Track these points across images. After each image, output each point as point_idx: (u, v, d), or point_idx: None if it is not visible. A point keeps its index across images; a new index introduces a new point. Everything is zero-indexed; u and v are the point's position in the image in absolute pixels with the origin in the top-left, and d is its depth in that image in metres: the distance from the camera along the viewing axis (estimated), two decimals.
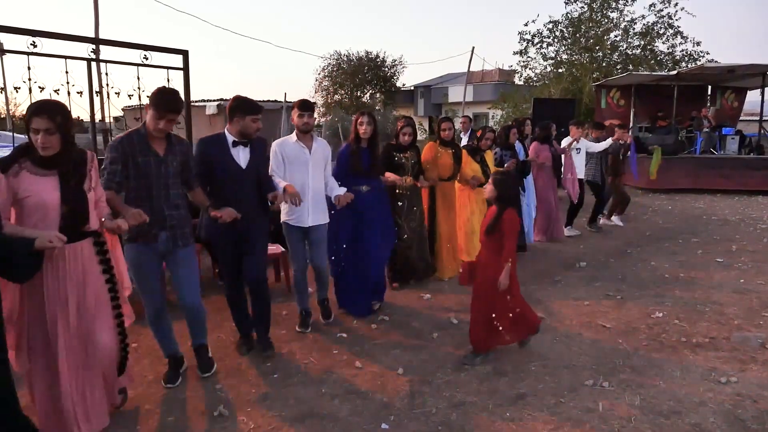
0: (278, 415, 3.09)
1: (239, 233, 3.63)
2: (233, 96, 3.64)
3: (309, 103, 4.13)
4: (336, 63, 31.81)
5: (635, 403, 3.21)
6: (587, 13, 19.22)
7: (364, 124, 4.55)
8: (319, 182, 4.21)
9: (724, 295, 5.26)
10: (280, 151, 4.09)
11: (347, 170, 4.60)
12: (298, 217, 4.15)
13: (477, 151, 6.12)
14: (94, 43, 5.51)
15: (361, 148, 4.60)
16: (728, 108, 16.08)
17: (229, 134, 3.60)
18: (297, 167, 4.10)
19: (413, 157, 5.32)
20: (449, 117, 5.95)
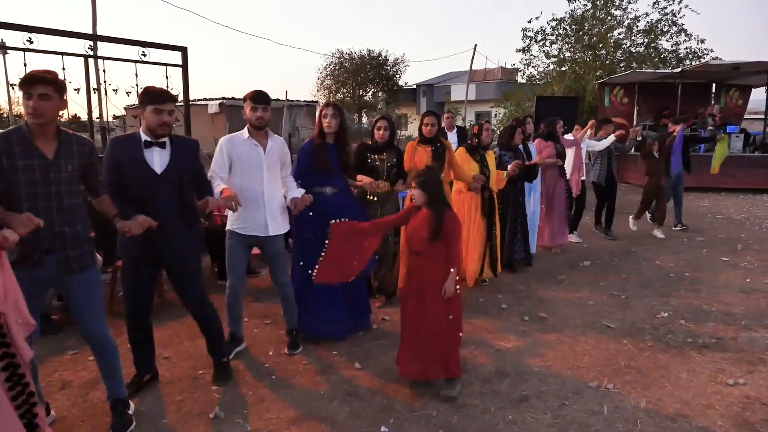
0: (276, 417, 3.02)
1: (156, 251, 3.10)
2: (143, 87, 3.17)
3: (264, 94, 3.60)
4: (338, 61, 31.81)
5: (641, 406, 3.13)
6: (591, 11, 19.12)
7: (328, 117, 4.00)
8: (275, 185, 3.72)
9: (730, 295, 5.18)
10: (228, 150, 3.56)
11: (309, 169, 4.04)
12: (250, 226, 3.62)
13: (476, 150, 5.46)
14: (92, 39, 5.45)
15: (326, 144, 4.04)
16: (733, 106, 15.97)
17: (143, 134, 3.03)
18: (249, 168, 3.58)
19: (390, 158, 4.67)
20: (433, 111, 5.35)
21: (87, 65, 5.36)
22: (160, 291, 4.99)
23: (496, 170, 5.51)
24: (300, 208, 3.71)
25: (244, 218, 3.60)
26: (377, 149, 4.64)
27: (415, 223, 3.31)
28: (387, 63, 32.63)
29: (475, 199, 5.36)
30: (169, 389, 3.33)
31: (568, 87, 18.84)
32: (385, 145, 4.63)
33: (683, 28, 18.90)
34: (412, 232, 3.33)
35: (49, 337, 4.04)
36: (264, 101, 3.56)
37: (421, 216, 3.28)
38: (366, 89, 32.62)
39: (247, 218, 3.61)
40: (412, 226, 3.33)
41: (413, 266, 3.35)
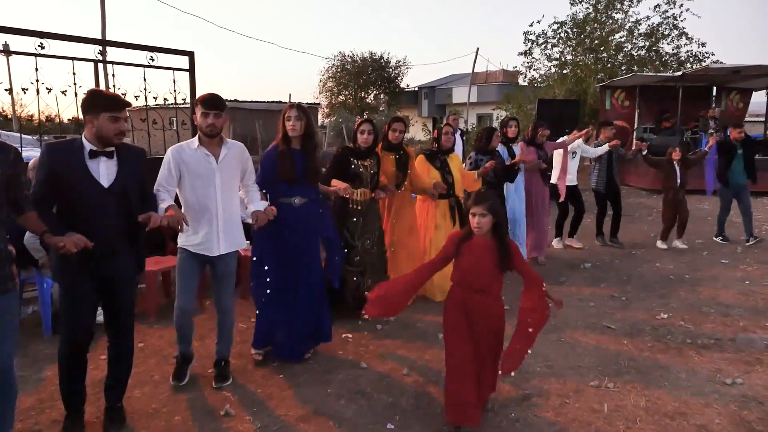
0: (284, 415, 3.10)
1: (100, 274, 2.76)
2: (87, 90, 2.84)
3: (217, 99, 3.21)
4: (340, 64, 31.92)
5: (641, 404, 3.21)
6: (592, 14, 19.20)
7: (291, 119, 3.63)
8: (231, 198, 3.34)
9: (729, 297, 5.25)
10: (177, 160, 3.19)
11: (274, 177, 3.68)
12: (202, 244, 3.26)
13: (436, 156, 5.13)
14: (101, 44, 5.54)
15: (292, 150, 3.68)
16: (733, 109, 16.04)
17: (87, 142, 2.67)
18: (200, 180, 3.22)
19: (373, 165, 4.44)
20: (401, 117, 5.05)
21: (96, 70, 5.45)
22: (168, 291, 5.08)
23: (465, 173, 5.33)
24: (261, 223, 3.35)
25: (195, 235, 3.26)
26: (361, 154, 4.37)
27: (473, 256, 2.84)
28: (389, 65, 32.75)
29: (441, 207, 5.12)
30: (180, 387, 3.41)
31: (569, 90, 18.91)
32: (369, 150, 4.38)
33: (684, 31, 18.97)
34: (471, 268, 2.84)
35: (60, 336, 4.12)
36: (216, 106, 3.18)
37: (478, 247, 2.83)
38: (368, 91, 32.73)
39: (198, 235, 3.26)
40: (468, 261, 2.85)
41: (473, 309, 2.85)
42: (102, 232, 2.68)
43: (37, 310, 4.57)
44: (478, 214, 2.79)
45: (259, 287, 3.75)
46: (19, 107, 20.21)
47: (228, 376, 3.50)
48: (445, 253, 2.91)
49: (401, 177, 4.80)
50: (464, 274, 2.87)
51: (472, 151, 5.84)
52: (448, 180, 5.06)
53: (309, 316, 3.82)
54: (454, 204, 5.16)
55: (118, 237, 2.78)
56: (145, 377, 3.55)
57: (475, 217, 2.79)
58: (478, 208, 2.79)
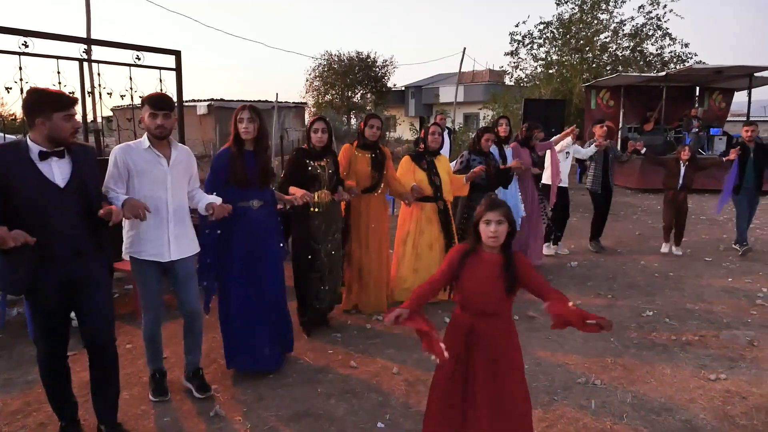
0: (274, 415, 3.11)
1: (67, 278, 2.62)
2: (27, 90, 2.69)
3: (166, 99, 3.09)
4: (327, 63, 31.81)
5: (627, 401, 3.26)
6: (578, 15, 19.36)
7: (244, 121, 3.47)
8: (182, 201, 3.20)
9: (712, 294, 5.34)
10: (125, 161, 3.00)
11: (226, 180, 3.50)
12: (152, 249, 3.08)
13: (422, 156, 4.97)
14: (86, 43, 5.48)
15: (245, 152, 3.53)
16: (715, 109, 16.27)
17: (34, 143, 2.54)
18: (150, 183, 3.05)
19: (330, 165, 4.23)
20: (376, 114, 4.76)
21: (81, 69, 5.39)
22: None
23: (454, 177, 5.12)
24: (218, 215, 3.19)
25: (145, 241, 3.07)
26: (316, 155, 4.17)
27: (481, 274, 2.39)
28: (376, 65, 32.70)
29: (426, 211, 4.93)
30: (170, 388, 3.39)
31: (555, 90, 19.08)
32: (324, 149, 4.19)
33: (668, 32, 19.22)
34: (478, 289, 2.39)
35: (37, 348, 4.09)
36: (165, 106, 3.03)
37: (486, 262, 2.40)
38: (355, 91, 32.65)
39: (147, 240, 3.07)
40: (475, 280, 2.39)
41: (479, 337, 2.40)
42: (63, 233, 2.58)
43: (22, 312, 4.52)
44: (494, 221, 2.34)
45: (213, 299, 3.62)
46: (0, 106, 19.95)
47: (208, 385, 3.37)
48: (449, 270, 2.44)
49: (377, 177, 4.60)
50: (470, 295, 2.41)
51: (465, 150, 5.67)
52: (435, 182, 4.90)
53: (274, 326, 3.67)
54: (442, 207, 4.99)
55: (83, 238, 2.65)
56: (134, 379, 3.53)
57: (490, 225, 2.35)
58: (493, 213, 2.35)
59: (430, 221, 4.94)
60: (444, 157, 5.15)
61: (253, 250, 3.57)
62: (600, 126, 6.98)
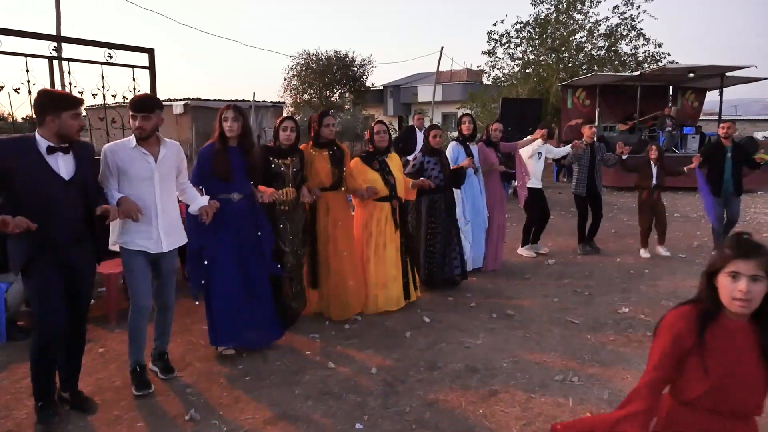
0: (251, 418, 3.06)
1: (68, 261, 2.89)
2: (38, 91, 2.90)
3: (145, 100, 3.18)
4: (305, 62, 31.64)
5: (604, 397, 3.28)
6: (554, 15, 19.56)
7: (228, 120, 3.66)
8: (169, 196, 3.36)
9: (687, 289, 5.41)
10: (113, 160, 3.15)
11: (209, 174, 3.70)
12: (141, 240, 3.24)
13: (373, 157, 4.82)
14: (56, 40, 5.36)
15: (228, 148, 3.71)
16: (688, 108, 16.58)
17: (42, 138, 2.78)
18: (139, 180, 3.19)
19: (296, 163, 4.25)
20: (329, 111, 4.79)
21: (51, 67, 5.26)
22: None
23: (405, 179, 5.03)
24: (210, 216, 3.46)
25: (135, 233, 3.23)
26: (282, 153, 4.20)
27: (729, 354, 1.65)
28: (354, 64, 32.63)
29: (383, 210, 4.80)
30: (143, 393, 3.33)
31: (532, 89, 19.24)
32: (290, 148, 4.23)
33: (642, 32, 19.52)
34: (728, 377, 1.64)
35: (17, 343, 3.99)
36: (143, 108, 3.12)
37: (730, 336, 1.66)
38: (333, 90, 32.53)
39: (138, 233, 3.24)
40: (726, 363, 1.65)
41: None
42: (66, 222, 2.84)
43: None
44: (746, 276, 1.59)
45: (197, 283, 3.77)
46: None
47: (173, 367, 3.60)
48: (677, 351, 1.68)
49: (337, 174, 4.57)
50: (718, 386, 1.64)
51: (418, 152, 5.51)
52: (389, 181, 4.77)
53: (260, 307, 3.88)
54: (396, 206, 4.88)
55: (81, 227, 2.93)
56: (106, 383, 3.45)
57: (738, 281, 1.61)
58: (748, 264, 1.59)
59: (387, 221, 4.84)
60: (395, 155, 5.06)
61: (235, 237, 3.77)
62: (589, 127, 6.81)
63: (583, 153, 6.77)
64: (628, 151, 6.93)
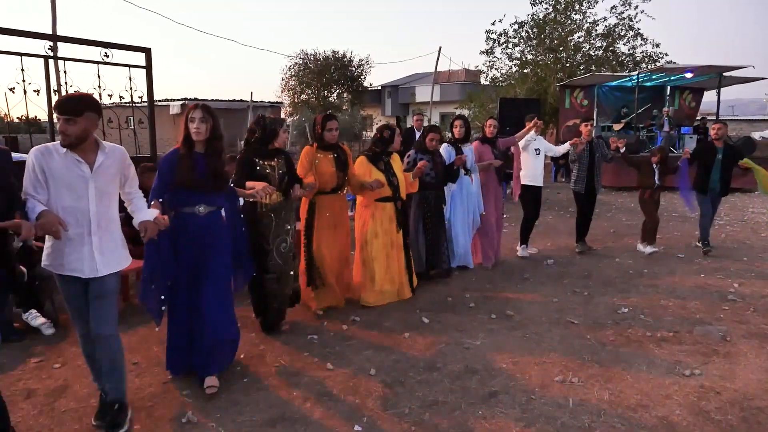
0: (249, 420, 3.03)
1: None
2: None
3: (68, 103, 2.68)
4: (302, 62, 31.63)
5: (604, 398, 3.26)
6: (552, 15, 19.57)
7: (195, 121, 3.25)
8: (108, 210, 2.87)
9: (685, 290, 5.41)
10: (41, 165, 2.69)
11: (172, 183, 3.28)
12: (72, 263, 2.78)
13: (379, 157, 4.94)
14: (52, 39, 5.33)
15: (195, 154, 3.30)
16: (686, 108, 16.60)
17: None
18: (69, 191, 2.73)
19: (282, 165, 4.10)
20: (333, 114, 4.73)
21: (47, 66, 5.23)
22: (125, 295, 4.92)
23: (405, 174, 5.14)
24: (151, 234, 2.96)
25: (66, 254, 2.77)
26: (267, 154, 4.05)
27: None
28: (351, 64, 32.63)
29: (387, 211, 4.92)
30: (140, 395, 3.30)
31: (530, 89, 19.25)
32: (276, 150, 4.10)
33: (639, 32, 19.56)
34: None
35: (13, 345, 3.95)
36: (67, 110, 2.65)
37: None
38: (331, 90, 32.53)
39: (66, 254, 2.77)
40: None
41: None
42: None
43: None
44: None
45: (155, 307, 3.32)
46: None
47: (122, 423, 2.90)
48: None
49: (342, 177, 4.60)
50: None
51: (411, 150, 5.63)
52: (393, 182, 4.89)
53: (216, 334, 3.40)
54: (400, 207, 5.01)
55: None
56: None
57: None
58: None
59: (391, 221, 4.95)
60: (396, 156, 5.11)
61: (198, 257, 3.37)
62: (585, 125, 6.76)
63: (582, 151, 6.74)
64: (623, 143, 6.89)
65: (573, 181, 6.92)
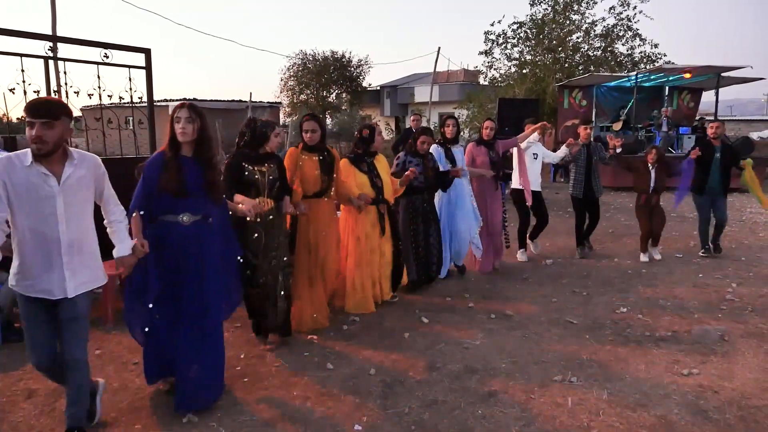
0: (250, 420, 3.04)
1: None
2: None
3: (44, 105, 2.49)
4: (302, 62, 31.65)
5: (603, 397, 3.28)
6: (551, 15, 19.60)
7: (181, 121, 2.98)
8: (79, 225, 2.62)
9: (684, 290, 5.42)
10: (2, 180, 2.45)
11: (156, 190, 3.00)
12: (40, 284, 2.56)
13: (362, 159, 4.73)
14: (52, 40, 5.32)
15: (182, 158, 3.04)
16: (684, 108, 16.63)
17: None
18: (35, 206, 2.50)
19: (273, 170, 3.85)
20: (314, 114, 4.46)
21: (47, 67, 5.23)
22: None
23: (392, 177, 4.91)
24: (129, 271, 2.79)
25: (34, 276, 2.55)
26: (257, 159, 3.80)
27: None
28: (351, 64, 32.66)
29: (369, 215, 4.72)
30: (140, 395, 3.31)
31: (529, 89, 19.27)
32: (266, 153, 3.86)
33: (638, 32, 19.59)
34: None
35: (13, 345, 3.96)
36: (44, 114, 2.43)
37: None
38: (330, 90, 32.57)
39: (34, 275, 2.55)
40: None
41: None
42: None
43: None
44: None
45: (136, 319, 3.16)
46: None
47: None
48: None
49: (326, 181, 4.30)
50: None
51: (401, 152, 5.35)
52: (377, 184, 4.68)
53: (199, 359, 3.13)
54: (384, 211, 4.81)
55: None
56: None
57: None
58: None
59: (374, 225, 4.75)
60: (382, 157, 4.91)
61: (178, 270, 3.08)
62: (584, 128, 6.61)
63: (579, 153, 6.56)
64: (620, 143, 6.74)
65: (571, 185, 6.75)
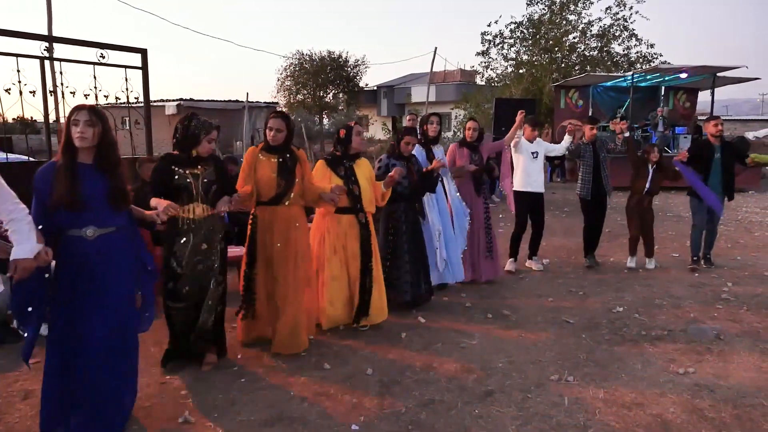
0: (247, 420, 3.04)
1: None
2: None
3: None
4: (298, 63, 31.59)
5: (599, 396, 3.29)
6: (547, 15, 19.63)
7: (80, 124, 2.65)
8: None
9: (680, 289, 5.44)
10: None
11: (50, 203, 2.66)
12: None
13: (340, 162, 4.28)
14: (47, 40, 5.33)
15: (77, 165, 2.70)
16: (681, 108, 16.66)
17: None
18: None
19: (209, 173, 3.49)
20: (282, 112, 4.15)
21: (43, 67, 5.23)
22: None
23: (375, 183, 4.41)
24: (23, 274, 2.46)
25: None
26: (188, 162, 3.45)
27: None
28: (347, 64, 32.62)
29: (343, 225, 4.25)
30: (137, 395, 3.30)
31: (525, 89, 19.30)
32: (199, 156, 3.47)
33: (634, 33, 19.63)
34: None
35: (9, 347, 3.95)
36: None
37: None
38: (326, 90, 32.50)
39: None
40: None
41: None
42: None
43: None
44: None
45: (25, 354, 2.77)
46: None
47: None
48: None
49: (283, 185, 3.83)
50: None
51: (383, 154, 4.94)
52: (353, 191, 4.19)
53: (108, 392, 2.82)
54: (363, 221, 4.28)
55: None
56: None
57: None
58: None
59: (347, 236, 4.25)
60: (365, 161, 4.45)
61: (85, 290, 2.75)
62: (591, 128, 6.10)
63: (585, 150, 6.11)
64: (626, 125, 6.30)
65: (578, 186, 6.20)
